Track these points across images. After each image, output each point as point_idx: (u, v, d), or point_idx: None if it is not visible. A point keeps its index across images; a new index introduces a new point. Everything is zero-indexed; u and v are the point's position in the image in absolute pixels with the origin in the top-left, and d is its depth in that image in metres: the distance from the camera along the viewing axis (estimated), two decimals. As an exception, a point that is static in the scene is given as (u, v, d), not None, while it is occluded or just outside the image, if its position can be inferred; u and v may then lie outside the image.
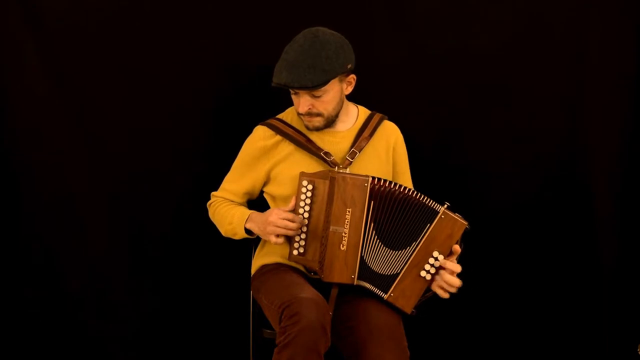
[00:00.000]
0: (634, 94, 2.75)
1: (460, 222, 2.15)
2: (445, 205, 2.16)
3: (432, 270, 2.17)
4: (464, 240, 2.18)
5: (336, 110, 2.31)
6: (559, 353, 2.86)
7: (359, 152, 2.32)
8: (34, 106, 2.57)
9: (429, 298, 2.22)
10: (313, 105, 2.25)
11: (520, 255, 2.81)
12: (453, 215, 2.15)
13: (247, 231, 2.31)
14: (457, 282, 2.16)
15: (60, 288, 2.68)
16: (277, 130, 2.34)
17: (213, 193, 2.46)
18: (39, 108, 2.58)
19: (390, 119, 2.47)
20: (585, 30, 2.71)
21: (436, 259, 2.16)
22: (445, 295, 2.18)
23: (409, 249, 2.17)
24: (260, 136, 2.36)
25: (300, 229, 2.20)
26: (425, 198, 2.17)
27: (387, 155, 2.41)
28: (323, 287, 2.20)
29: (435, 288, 2.18)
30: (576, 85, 2.74)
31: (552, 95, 2.74)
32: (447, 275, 2.16)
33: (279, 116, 2.42)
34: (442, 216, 2.15)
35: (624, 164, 2.78)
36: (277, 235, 2.18)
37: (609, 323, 2.83)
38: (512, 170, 2.77)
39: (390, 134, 2.43)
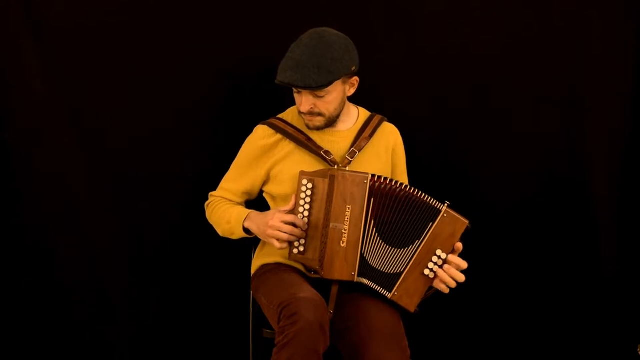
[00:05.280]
0: (634, 95, 2.75)
1: (462, 221, 2.16)
2: (447, 204, 2.17)
3: (436, 269, 2.18)
4: (463, 239, 2.18)
5: (338, 111, 2.31)
6: (559, 353, 2.86)
7: (359, 152, 2.33)
8: (34, 106, 2.57)
9: (430, 296, 2.23)
10: (315, 105, 2.26)
11: (520, 256, 2.81)
12: (455, 214, 2.16)
13: (246, 230, 2.31)
14: (462, 277, 2.17)
15: (59, 288, 2.68)
16: (278, 129, 2.35)
17: (211, 193, 2.46)
18: (39, 108, 2.57)
19: (390, 119, 2.47)
20: (585, 31, 2.71)
21: (439, 257, 2.17)
22: (446, 290, 2.18)
23: (411, 248, 2.18)
24: (261, 135, 2.37)
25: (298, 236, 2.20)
26: (427, 196, 2.18)
27: (387, 156, 2.41)
28: (323, 287, 2.20)
29: (437, 283, 2.19)
30: (576, 86, 2.74)
31: (552, 95, 2.74)
32: (452, 270, 2.16)
33: (280, 116, 2.43)
34: (445, 215, 2.16)
35: (624, 164, 2.78)
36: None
37: (609, 323, 2.83)
38: (511, 171, 2.77)
39: (389, 136, 2.44)
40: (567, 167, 2.78)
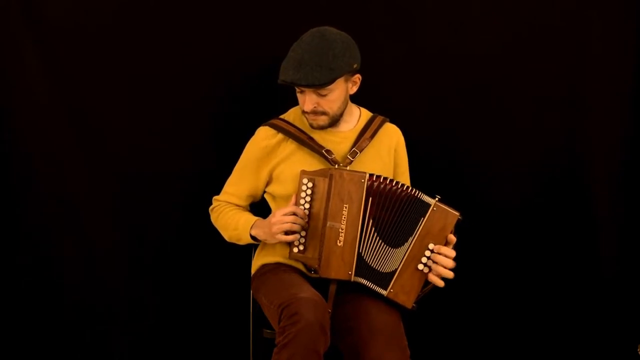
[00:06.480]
0: (634, 95, 2.75)
1: (452, 213, 2.17)
2: (437, 198, 2.17)
3: (430, 263, 2.18)
4: (456, 231, 2.19)
5: (341, 110, 2.31)
6: (559, 353, 2.86)
7: (360, 152, 2.33)
8: (34, 106, 2.57)
9: (427, 292, 2.23)
10: (318, 104, 2.26)
11: (520, 255, 2.81)
12: (445, 207, 2.17)
13: (253, 237, 2.31)
14: (450, 262, 2.16)
15: (59, 288, 2.68)
16: (279, 129, 2.35)
17: (215, 197, 2.46)
18: (39, 108, 2.57)
19: (390, 119, 2.47)
20: (585, 31, 2.71)
21: (432, 251, 2.18)
22: (441, 283, 2.18)
23: (406, 245, 2.18)
24: (263, 136, 2.37)
25: (301, 226, 2.20)
26: (417, 192, 2.19)
27: (389, 157, 2.41)
28: (323, 287, 2.20)
29: (430, 277, 2.19)
30: (576, 86, 2.74)
31: (552, 95, 2.74)
32: (441, 258, 2.16)
33: (281, 116, 2.43)
34: (434, 209, 2.17)
35: (624, 164, 2.78)
36: (286, 233, 2.18)
37: (609, 323, 2.83)
38: (512, 171, 2.77)
39: (391, 136, 2.44)
40: (567, 167, 2.77)
